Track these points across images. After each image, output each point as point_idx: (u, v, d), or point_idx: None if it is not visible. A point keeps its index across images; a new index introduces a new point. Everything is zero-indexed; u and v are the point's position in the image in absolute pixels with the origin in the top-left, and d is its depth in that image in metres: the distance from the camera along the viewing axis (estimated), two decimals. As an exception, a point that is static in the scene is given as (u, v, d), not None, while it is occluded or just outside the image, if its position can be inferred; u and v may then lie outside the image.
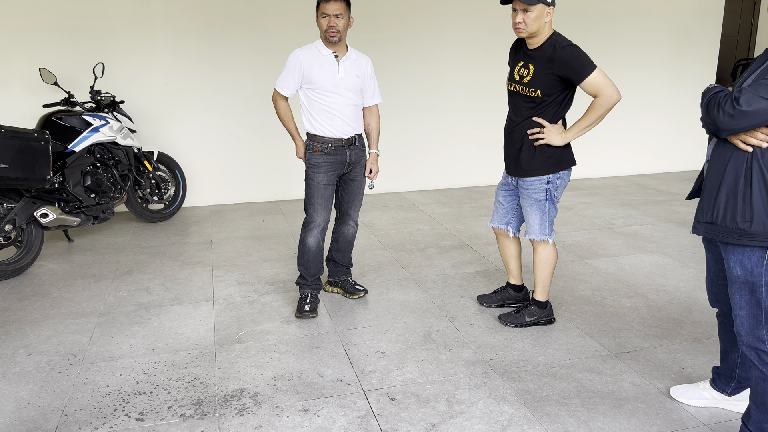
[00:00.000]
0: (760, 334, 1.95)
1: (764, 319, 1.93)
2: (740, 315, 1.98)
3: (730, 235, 1.93)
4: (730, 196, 1.91)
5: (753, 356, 2.00)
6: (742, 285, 1.95)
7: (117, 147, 4.57)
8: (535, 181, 2.89)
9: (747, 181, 1.87)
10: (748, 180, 1.86)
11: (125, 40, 5.21)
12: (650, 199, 5.68)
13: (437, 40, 5.91)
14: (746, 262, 1.92)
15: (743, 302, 1.96)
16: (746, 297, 1.95)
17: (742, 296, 1.96)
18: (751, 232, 1.87)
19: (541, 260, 3.04)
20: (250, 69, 5.53)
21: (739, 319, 1.99)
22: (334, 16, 2.98)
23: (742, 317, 1.98)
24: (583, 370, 2.71)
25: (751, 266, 1.91)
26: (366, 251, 4.34)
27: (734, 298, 1.99)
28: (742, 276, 1.94)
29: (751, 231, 1.87)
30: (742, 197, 1.88)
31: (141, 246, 4.52)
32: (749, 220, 1.87)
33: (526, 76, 2.82)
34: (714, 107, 1.85)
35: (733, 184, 1.90)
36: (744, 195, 1.87)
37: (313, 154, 3.18)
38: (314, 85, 3.09)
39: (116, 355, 2.88)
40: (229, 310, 3.38)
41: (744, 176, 1.87)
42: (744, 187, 1.87)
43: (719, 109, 1.82)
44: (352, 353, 2.88)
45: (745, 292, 1.95)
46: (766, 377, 1.97)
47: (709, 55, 6.78)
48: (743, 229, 1.88)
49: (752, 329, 1.96)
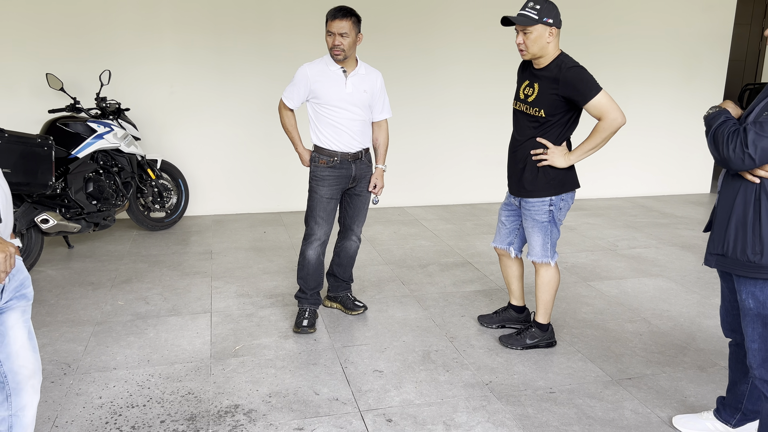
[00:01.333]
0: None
1: None
2: (753, 348, 1.94)
3: (741, 268, 1.90)
4: (739, 229, 1.89)
5: (765, 389, 1.96)
6: (755, 317, 1.91)
7: (120, 154, 4.56)
8: (538, 203, 2.85)
9: (756, 213, 1.85)
10: (756, 212, 1.85)
11: (133, 48, 5.22)
12: (655, 222, 5.64)
13: (445, 56, 5.91)
14: (758, 294, 1.88)
15: (756, 335, 1.92)
16: (759, 330, 1.91)
17: (754, 329, 1.92)
18: (761, 265, 1.84)
19: (543, 282, 3.00)
20: (256, 79, 5.54)
21: (752, 352, 1.95)
22: (339, 35, 2.97)
23: (755, 350, 1.93)
24: (584, 395, 2.66)
25: (763, 299, 1.87)
26: (367, 266, 4.31)
27: (747, 330, 1.95)
28: (755, 308, 1.90)
29: (762, 263, 1.84)
30: (752, 229, 1.86)
31: (141, 254, 4.49)
32: (759, 253, 1.84)
33: (531, 96, 2.80)
34: (723, 145, 1.84)
35: (742, 216, 1.88)
36: (753, 227, 1.85)
37: (318, 166, 3.16)
38: (321, 99, 3.08)
39: (110, 366, 2.85)
40: (226, 322, 3.34)
41: (753, 208, 1.85)
42: (753, 219, 1.85)
43: (727, 147, 1.82)
44: (350, 371, 2.84)
45: (758, 324, 1.91)
46: None
47: (717, 78, 6.76)
48: (754, 261, 1.86)
49: (764, 362, 1.93)
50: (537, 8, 2.67)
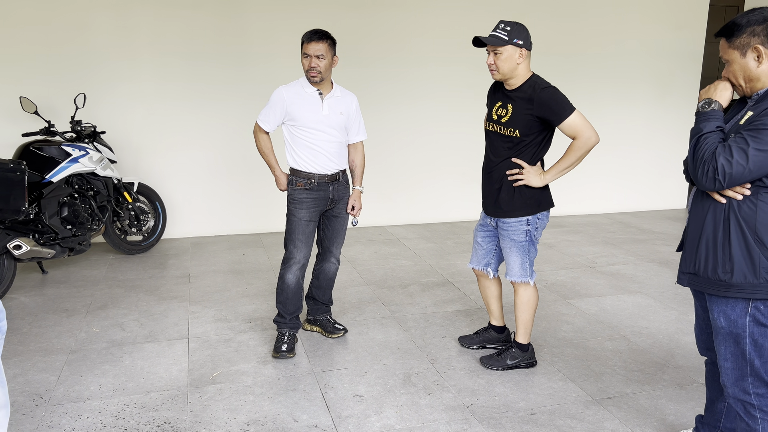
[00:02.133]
0: (746, 386, 1.92)
1: (749, 371, 1.90)
2: (725, 366, 1.95)
3: (712, 287, 1.92)
4: (710, 248, 1.91)
5: (739, 408, 1.96)
6: (727, 336, 1.92)
7: (96, 178, 4.50)
8: (515, 223, 2.86)
9: (725, 233, 1.87)
10: (726, 232, 1.87)
11: (109, 70, 5.18)
12: (633, 238, 5.69)
13: (422, 76, 5.95)
14: (729, 313, 1.90)
15: (728, 353, 1.93)
16: (731, 348, 1.92)
17: (726, 347, 1.93)
18: (732, 284, 1.86)
19: (522, 302, 3.00)
20: (234, 101, 5.52)
21: (725, 371, 1.96)
22: (316, 57, 2.98)
23: (728, 369, 1.95)
24: (565, 416, 2.65)
25: (734, 317, 1.89)
26: (347, 287, 4.28)
27: (719, 349, 1.96)
28: (726, 327, 1.91)
29: (732, 282, 1.86)
30: (722, 249, 1.88)
31: (117, 279, 4.42)
32: (730, 272, 1.86)
33: (505, 116, 2.82)
34: (700, 163, 1.86)
35: (713, 236, 1.91)
36: (723, 247, 1.88)
37: (296, 189, 3.15)
38: (297, 122, 3.08)
39: (84, 396, 2.78)
40: (204, 348, 3.29)
41: (722, 228, 1.88)
42: (723, 238, 1.88)
43: (699, 172, 1.85)
44: (329, 396, 2.80)
45: (730, 343, 1.92)
46: (752, 430, 1.94)
47: (690, 95, 6.89)
48: (724, 280, 1.88)
49: (737, 381, 1.93)
50: (507, 29, 2.71)
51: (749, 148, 1.75)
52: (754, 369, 1.90)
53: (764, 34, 1.81)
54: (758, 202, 1.82)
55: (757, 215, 1.82)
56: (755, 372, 1.90)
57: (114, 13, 5.11)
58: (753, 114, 1.82)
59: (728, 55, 1.89)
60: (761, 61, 1.83)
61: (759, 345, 1.89)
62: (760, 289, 1.84)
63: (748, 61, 1.85)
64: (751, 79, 1.87)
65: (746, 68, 1.86)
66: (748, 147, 1.75)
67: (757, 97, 1.88)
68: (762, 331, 1.87)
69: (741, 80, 1.90)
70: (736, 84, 1.93)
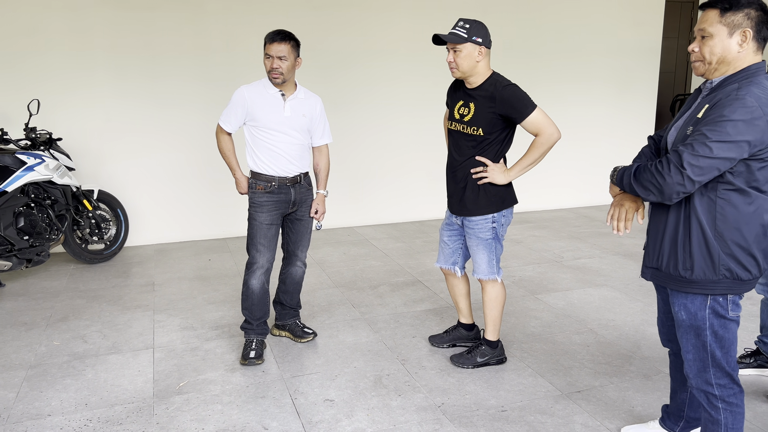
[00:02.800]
0: (708, 377, 1.95)
1: (711, 362, 1.94)
2: (688, 358, 1.98)
3: (673, 282, 1.95)
4: (672, 245, 1.94)
5: (702, 398, 2.00)
6: (688, 329, 1.96)
7: (53, 186, 4.37)
8: (481, 221, 2.87)
9: (686, 230, 1.89)
10: (687, 229, 1.89)
11: (64, 75, 5.04)
12: (597, 232, 5.78)
13: (387, 76, 5.93)
14: (689, 306, 1.93)
15: (689, 346, 1.97)
16: (692, 341, 1.95)
17: (688, 340, 1.96)
18: (692, 280, 1.90)
19: (490, 299, 3.01)
20: (195, 105, 5.42)
21: (687, 362, 1.99)
22: (278, 57, 2.93)
23: (690, 360, 1.98)
24: (535, 412, 2.66)
25: (694, 310, 1.92)
26: (316, 290, 4.24)
27: (681, 341, 2.00)
28: (687, 320, 1.95)
29: (693, 279, 1.89)
30: (682, 246, 1.90)
31: (78, 290, 4.30)
32: (690, 269, 1.89)
33: (467, 115, 2.82)
34: (654, 178, 1.84)
35: (673, 233, 1.93)
36: (684, 244, 1.90)
37: (256, 192, 3.10)
38: (258, 122, 3.03)
39: (45, 413, 2.69)
40: (170, 358, 3.22)
41: (683, 225, 1.90)
42: (683, 236, 1.90)
43: (662, 177, 1.81)
44: (299, 402, 2.76)
45: (691, 335, 1.95)
46: (714, 420, 1.97)
47: (649, 89, 7.03)
48: (685, 277, 1.90)
49: (700, 372, 1.97)
50: (467, 27, 2.72)
51: (710, 141, 1.74)
52: (716, 360, 1.93)
53: (756, 22, 1.79)
54: (717, 198, 1.84)
55: (716, 211, 1.84)
56: (717, 363, 1.93)
57: (68, 15, 4.97)
58: (709, 106, 1.82)
59: (714, 28, 1.82)
60: (742, 47, 1.80)
61: (719, 336, 1.92)
62: (720, 285, 1.87)
63: (732, 42, 1.80)
64: (726, 61, 1.83)
65: (727, 48, 1.81)
66: (709, 140, 1.74)
67: (711, 86, 1.88)
68: (722, 323, 1.91)
69: (714, 58, 1.83)
70: (703, 61, 1.87)
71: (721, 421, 1.96)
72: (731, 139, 1.72)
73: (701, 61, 1.88)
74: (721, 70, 1.85)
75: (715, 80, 1.87)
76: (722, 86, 1.83)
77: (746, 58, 1.82)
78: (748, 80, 1.78)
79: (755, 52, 1.82)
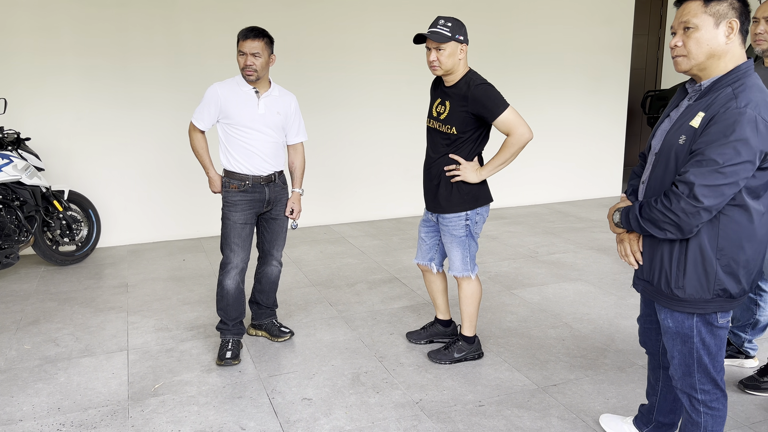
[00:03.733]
0: (692, 381, 1.94)
1: (696, 367, 1.92)
2: (674, 363, 1.97)
3: (664, 299, 1.91)
4: (665, 262, 1.89)
5: (685, 401, 1.99)
6: (674, 335, 1.93)
7: (22, 187, 4.28)
8: (454, 218, 2.88)
9: (682, 249, 1.84)
10: (683, 248, 1.84)
11: (32, 73, 4.93)
12: (571, 227, 5.85)
13: (361, 73, 5.92)
14: (676, 314, 1.90)
15: (675, 351, 1.95)
16: (678, 347, 1.94)
17: (674, 346, 1.95)
18: (683, 299, 1.86)
19: (465, 296, 3.03)
20: (167, 103, 5.35)
21: (673, 365, 1.98)
22: (252, 54, 2.91)
23: (676, 364, 1.97)
24: (512, 406, 2.69)
25: (681, 318, 1.90)
26: (293, 289, 4.22)
27: (667, 345, 1.98)
28: (674, 328, 1.92)
29: (684, 298, 1.85)
30: (677, 264, 1.85)
31: (49, 292, 4.22)
32: (682, 287, 1.85)
33: (443, 113, 2.84)
34: (666, 215, 1.76)
35: (669, 250, 1.87)
36: (678, 262, 1.85)
37: (229, 191, 3.07)
38: (232, 120, 3.00)
39: (16, 418, 2.63)
40: (144, 359, 3.18)
41: (679, 243, 1.84)
42: (679, 254, 1.85)
43: (674, 214, 1.74)
44: (277, 402, 2.75)
45: (677, 342, 1.93)
46: (695, 422, 1.97)
47: (620, 86, 7.13)
48: (677, 295, 1.87)
49: (684, 376, 1.96)
50: (449, 26, 2.73)
51: (722, 167, 1.67)
52: (702, 366, 1.91)
53: (739, 13, 1.72)
54: (720, 215, 1.78)
55: (719, 228, 1.79)
56: (703, 368, 1.91)
57: (35, 12, 4.86)
58: (705, 116, 1.73)
59: (699, 19, 1.73)
60: (730, 38, 1.72)
61: (707, 344, 1.89)
62: (711, 304, 1.84)
63: (719, 34, 1.72)
64: (715, 55, 1.74)
65: (714, 40, 1.72)
66: (720, 166, 1.67)
67: (700, 89, 1.81)
68: (709, 329, 1.88)
69: (701, 51, 1.74)
70: (688, 56, 1.77)
71: (701, 424, 1.96)
72: (743, 159, 1.66)
73: (685, 56, 1.78)
74: (711, 68, 1.77)
75: (704, 83, 1.80)
76: (714, 90, 1.76)
77: (734, 52, 1.75)
78: (741, 83, 1.72)
79: (740, 45, 1.75)
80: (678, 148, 1.80)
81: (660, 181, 1.89)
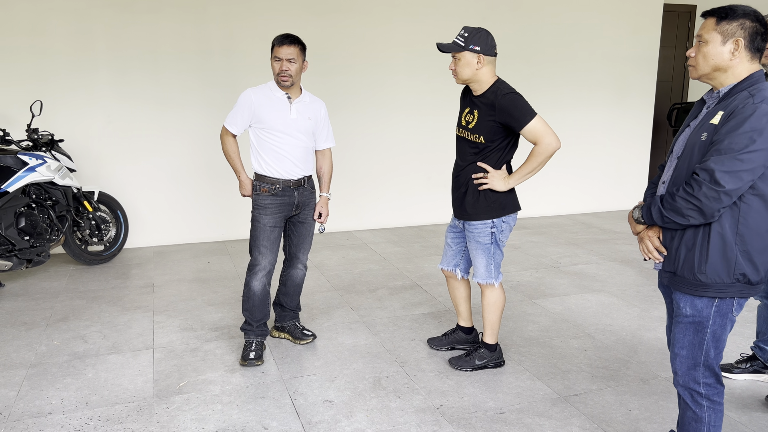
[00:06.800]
0: (696, 375, 2.00)
1: (703, 360, 1.98)
2: (681, 354, 2.01)
3: (686, 286, 1.97)
4: (688, 248, 1.95)
5: (687, 396, 2.04)
6: (689, 324, 1.98)
7: (55, 187, 4.39)
8: (480, 225, 2.90)
9: (705, 235, 1.91)
10: (706, 234, 1.90)
11: (66, 77, 5.07)
12: (594, 238, 5.81)
13: (387, 83, 5.98)
14: (696, 302, 1.95)
15: (686, 342, 2.00)
16: (689, 337, 1.98)
17: (685, 336, 1.99)
18: (705, 283, 1.92)
19: (489, 303, 3.04)
20: (196, 107, 5.45)
21: (680, 358, 2.02)
22: (287, 60, 2.97)
23: (683, 356, 2.01)
24: (533, 414, 2.69)
25: (701, 306, 1.95)
26: (315, 293, 4.26)
27: (677, 336, 2.02)
28: (691, 316, 1.97)
29: (706, 282, 1.92)
30: (699, 250, 1.92)
31: (78, 290, 4.31)
32: (704, 272, 1.91)
33: (472, 122, 2.86)
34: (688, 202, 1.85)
35: (692, 237, 1.94)
36: (701, 248, 1.91)
37: (260, 194, 3.13)
38: (264, 125, 3.06)
39: (45, 411, 2.70)
40: (169, 358, 3.24)
41: (702, 230, 1.91)
42: (702, 240, 1.91)
43: (698, 200, 1.83)
44: (299, 403, 2.78)
45: (689, 331, 1.98)
46: (698, 417, 2.02)
47: (646, 98, 7.08)
48: (700, 279, 1.92)
49: (689, 369, 2.00)
50: (465, 36, 2.76)
51: (740, 154, 1.78)
52: (708, 359, 1.98)
53: (749, 33, 1.85)
54: (740, 203, 1.86)
55: (739, 215, 1.86)
56: (708, 362, 1.98)
57: (71, 19, 5.00)
58: (724, 114, 1.85)
59: (710, 35, 1.88)
60: (735, 55, 1.86)
61: (717, 336, 1.96)
62: (731, 288, 1.91)
63: (724, 51, 1.87)
64: (720, 68, 1.89)
65: (719, 56, 1.87)
66: (738, 153, 1.78)
67: (718, 96, 1.92)
68: (722, 323, 1.95)
69: (706, 64, 1.90)
70: (696, 66, 1.94)
71: (704, 419, 2.01)
72: (758, 148, 1.77)
73: (693, 66, 1.95)
74: (719, 79, 1.91)
75: (722, 90, 1.92)
76: (731, 94, 1.88)
77: (741, 66, 1.88)
78: (756, 87, 1.84)
79: (750, 61, 1.88)
80: (700, 144, 1.91)
81: (683, 176, 1.97)
